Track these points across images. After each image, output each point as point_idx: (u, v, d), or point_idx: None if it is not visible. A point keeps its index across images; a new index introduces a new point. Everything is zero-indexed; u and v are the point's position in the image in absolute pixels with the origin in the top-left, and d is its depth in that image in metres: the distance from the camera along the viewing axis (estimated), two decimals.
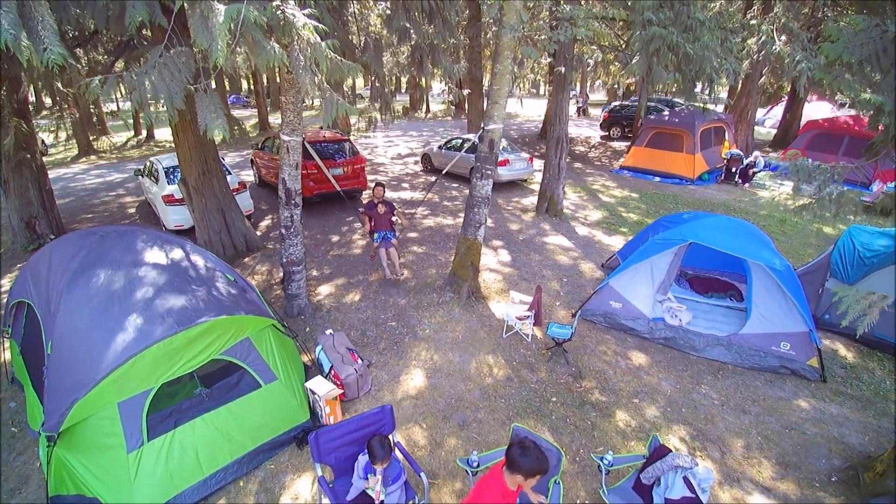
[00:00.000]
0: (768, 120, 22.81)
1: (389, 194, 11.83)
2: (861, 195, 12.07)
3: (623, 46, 10.73)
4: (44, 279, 4.08)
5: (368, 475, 2.87)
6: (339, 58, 4.05)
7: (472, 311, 6.17)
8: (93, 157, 17.90)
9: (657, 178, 13.05)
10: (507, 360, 5.21)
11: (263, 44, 3.24)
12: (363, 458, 2.92)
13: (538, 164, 12.24)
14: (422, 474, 2.97)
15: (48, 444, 3.36)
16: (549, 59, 13.50)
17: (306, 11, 3.80)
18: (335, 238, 8.82)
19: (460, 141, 12.88)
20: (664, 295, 5.66)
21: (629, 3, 7.93)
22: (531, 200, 10.98)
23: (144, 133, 21.87)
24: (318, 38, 3.84)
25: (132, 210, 10.78)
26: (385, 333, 5.72)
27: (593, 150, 18.14)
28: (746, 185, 12.58)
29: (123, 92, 3.63)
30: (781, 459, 4.03)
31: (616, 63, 13.83)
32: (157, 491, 3.39)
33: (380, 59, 6.35)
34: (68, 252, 4.12)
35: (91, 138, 19.45)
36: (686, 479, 2.92)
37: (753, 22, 11.68)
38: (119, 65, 7.58)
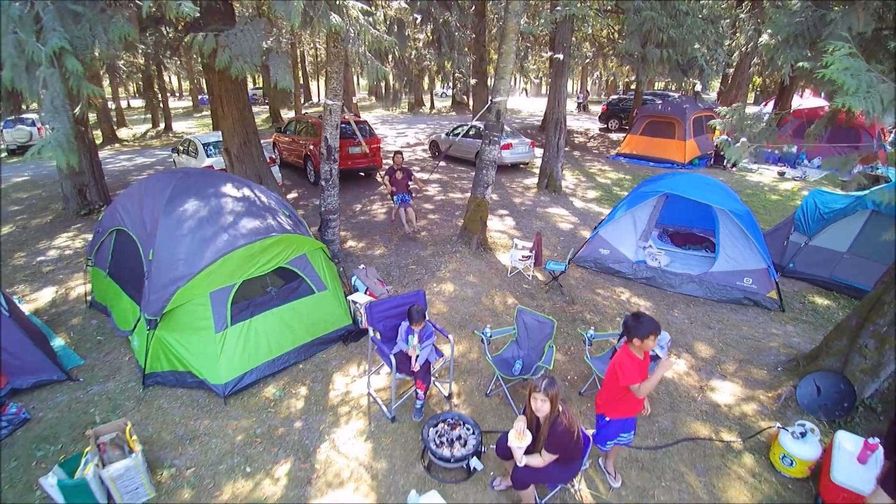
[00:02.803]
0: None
1: None
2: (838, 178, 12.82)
3: (617, 37, 11.69)
4: (136, 209, 5.02)
5: (409, 336, 3.80)
6: (378, 32, 5.02)
7: (482, 258, 7.11)
8: (116, 144, 18.91)
9: (651, 164, 13.98)
10: (512, 292, 6.14)
11: (328, 13, 4.20)
12: (404, 324, 3.84)
13: (539, 152, 13.18)
14: (450, 336, 3.90)
15: (148, 329, 4.28)
16: (549, 53, 14.46)
17: None
18: (357, 207, 9.78)
19: (466, 127, 13.83)
20: (645, 241, 6.59)
21: None
22: (533, 181, 11.92)
23: (162, 125, 22.94)
24: (363, 17, 4.81)
25: None
26: (407, 275, 6.66)
27: (592, 140, 19.08)
28: (734, 168, 13.50)
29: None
30: (738, 357, 4.94)
31: (613, 56, 14.77)
32: (237, 364, 4.32)
33: (403, 37, 7.33)
34: (157, 187, 5.06)
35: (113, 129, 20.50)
36: None
37: (743, 16, 12.66)
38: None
